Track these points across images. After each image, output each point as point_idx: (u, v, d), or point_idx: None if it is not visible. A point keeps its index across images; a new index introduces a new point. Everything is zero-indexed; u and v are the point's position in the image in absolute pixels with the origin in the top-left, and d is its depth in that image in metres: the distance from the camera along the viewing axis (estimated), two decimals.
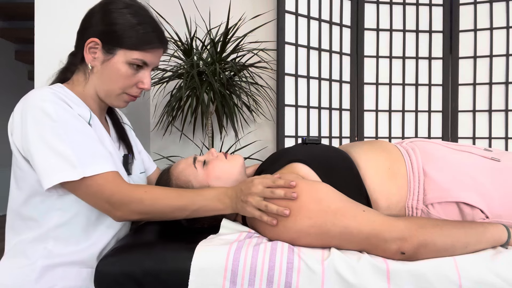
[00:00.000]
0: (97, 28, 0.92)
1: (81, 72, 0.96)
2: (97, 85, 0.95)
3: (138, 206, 0.84)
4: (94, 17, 0.94)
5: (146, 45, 0.93)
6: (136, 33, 0.92)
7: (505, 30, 2.07)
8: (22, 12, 3.87)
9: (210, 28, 1.96)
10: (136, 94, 0.99)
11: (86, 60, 0.94)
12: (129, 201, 0.84)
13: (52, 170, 0.81)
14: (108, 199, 0.83)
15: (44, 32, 1.52)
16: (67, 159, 0.82)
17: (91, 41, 0.92)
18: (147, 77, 0.97)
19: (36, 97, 0.86)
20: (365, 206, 0.83)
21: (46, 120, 0.83)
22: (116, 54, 0.92)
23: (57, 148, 0.82)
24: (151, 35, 0.94)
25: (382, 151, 1.01)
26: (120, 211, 0.84)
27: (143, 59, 0.94)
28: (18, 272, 0.86)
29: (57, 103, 0.85)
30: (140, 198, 0.84)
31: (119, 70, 0.93)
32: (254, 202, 0.82)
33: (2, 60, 4.34)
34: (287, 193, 0.81)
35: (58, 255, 0.87)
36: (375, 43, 2.15)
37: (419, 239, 0.75)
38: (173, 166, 1.05)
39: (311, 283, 0.74)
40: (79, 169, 0.82)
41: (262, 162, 1.17)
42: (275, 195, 0.82)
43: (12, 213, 0.92)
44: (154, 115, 2.16)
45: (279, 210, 0.81)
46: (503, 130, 2.07)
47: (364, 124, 2.15)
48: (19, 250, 0.88)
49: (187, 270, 0.76)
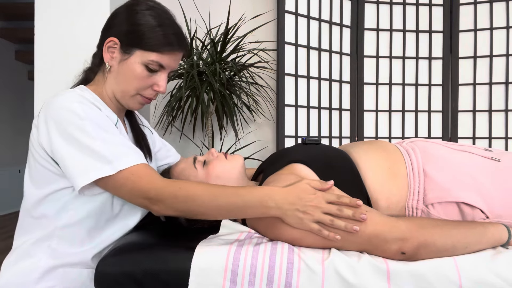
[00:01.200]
0: (118, 28, 0.92)
1: (101, 72, 0.97)
2: (113, 85, 0.95)
3: (172, 202, 0.82)
4: (117, 18, 0.94)
5: (163, 47, 0.92)
6: (154, 35, 0.91)
7: (505, 30, 2.07)
8: (22, 12, 3.88)
9: (210, 28, 1.96)
10: (151, 97, 0.97)
11: (105, 59, 0.94)
12: (164, 198, 0.82)
13: (86, 168, 0.81)
14: (144, 194, 0.82)
15: (44, 32, 1.52)
16: (100, 155, 0.81)
17: (110, 40, 0.92)
18: (162, 80, 0.95)
19: (62, 99, 0.85)
20: (367, 207, 0.83)
21: (74, 119, 0.83)
22: (133, 54, 0.92)
23: (89, 145, 0.82)
24: (170, 37, 0.93)
25: (382, 151, 1.01)
26: (157, 206, 0.83)
27: (160, 61, 0.92)
28: (20, 272, 0.87)
29: (83, 103, 0.86)
30: (175, 194, 0.82)
31: (134, 71, 0.92)
32: (316, 216, 0.76)
33: (2, 60, 4.34)
34: (356, 214, 0.76)
35: (62, 255, 0.87)
36: (375, 43, 2.15)
37: (420, 240, 0.75)
38: (173, 166, 1.05)
39: (311, 283, 0.74)
40: (115, 163, 0.81)
41: (262, 162, 1.17)
42: (343, 214, 0.76)
43: (24, 213, 0.92)
44: (154, 115, 2.16)
45: (348, 227, 0.75)
46: (503, 130, 2.07)
47: (364, 124, 2.15)
48: (24, 249, 0.89)
49: (187, 270, 0.75)
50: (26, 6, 3.74)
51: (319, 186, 0.81)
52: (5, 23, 4.21)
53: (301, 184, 0.80)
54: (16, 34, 4.20)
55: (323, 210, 0.77)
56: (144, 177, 0.83)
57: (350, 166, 0.96)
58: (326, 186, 0.81)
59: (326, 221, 0.76)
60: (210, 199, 0.82)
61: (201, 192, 0.82)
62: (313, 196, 0.78)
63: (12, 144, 4.61)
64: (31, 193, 0.90)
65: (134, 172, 0.83)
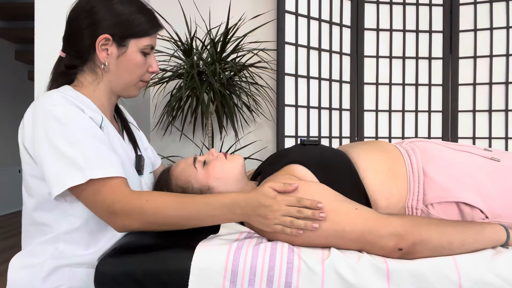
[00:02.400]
0: (100, 25, 0.91)
1: (88, 73, 0.95)
2: (114, 81, 0.95)
3: (139, 216, 0.80)
4: (89, 16, 0.91)
5: (151, 30, 0.95)
6: (139, 20, 0.93)
7: (505, 30, 2.07)
8: (22, 12, 3.88)
9: (210, 28, 1.96)
10: (148, 79, 1.02)
11: (101, 59, 0.92)
12: (130, 211, 0.80)
13: (60, 176, 0.80)
14: (108, 207, 0.80)
15: (44, 32, 1.52)
16: (75, 162, 0.80)
17: (102, 38, 0.90)
18: (154, 60, 0.99)
19: (46, 102, 0.84)
20: (359, 204, 0.84)
21: (55, 124, 0.82)
22: (129, 46, 0.93)
23: (65, 151, 0.80)
24: (152, 18, 0.96)
25: (381, 151, 1.01)
26: (121, 221, 0.81)
27: (151, 43, 0.96)
28: (27, 271, 0.87)
29: (66, 106, 0.84)
30: (142, 207, 0.80)
31: (136, 60, 0.94)
32: (277, 220, 0.80)
33: (2, 60, 4.34)
34: (315, 214, 0.79)
35: (68, 256, 0.87)
36: (375, 43, 2.15)
37: (415, 236, 0.75)
38: (173, 166, 1.05)
39: (311, 283, 0.74)
40: (86, 172, 0.79)
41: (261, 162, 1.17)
42: (303, 215, 0.80)
43: (26, 219, 0.92)
44: (154, 115, 2.16)
45: (308, 225, 0.79)
46: (503, 130, 2.07)
47: (364, 124, 2.15)
48: (31, 249, 0.89)
49: (187, 270, 0.76)
50: (26, 6, 3.73)
51: (282, 189, 0.83)
52: (5, 23, 4.21)
53: (263, 189, 0.83)
54: (16, 34, 4.20)
55: (283, 214, 0.80)
56: (111, 190, 0.81)
57: (349, 167, 0.97)
58: (289, 189, 0.83)
59: (286, 223, 0.80)
60: (179, 209, 0.82)
61: (170, 203, 0.82)
62: (273, 200, 0.81)
63: (12, 144, 4.60)
64: (26, 200, 0.90)
65: (104, 185, 0.81)
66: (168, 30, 1.94)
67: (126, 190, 0.83)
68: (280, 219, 0.80)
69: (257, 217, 0.81)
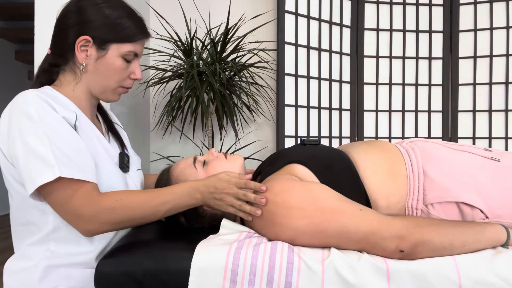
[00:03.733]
0: (82, 26, 0.90)
1: (68, 72, 0.94)
2: (91, 82, 0.94)
3: (109, 216, 0.81)
4: (74, 16, 0.91)
5: (135, 37, 0.94)
6: (123, 26, 0.92)
7: (505, 30, 2.07)
8: (22, 12, 3.88)
9: (210, 28, 1.96)
10: (130, 86, 1.00)
11: (79, 59, 0.92)
12: (99, 212, 0.80)
13: (31, 174, 0.79)
14: (76, 210, 0.80)
15: (44, 32, 1.52)
16: (45, 160, 0.79)
17: (82, 39, 0.90)
18: (138, 67, 0.98)
19: (20, 101, 0.84)
20: (362, 205, 0.84)
21: (27, 123, 0.81)
22: (109, 49, 0.92)
23: (36, 149, 0.79)
24: (138, 25, 0.95)
25: (381, 151, 1.01)
26: (90, 224, 0.81)
27: (134, 50, 0.95)
28: (22, 273, 0.87)
29: (40, 105, 0.83)
30: (112, 207, 0.81)
31: (115, 65, 0.93)
32: (228, 201, 0.87)
33: (2, 60, 4.34)
34: (257, 198, 0.85)
35: (61, 256, 0.87)
36: (375, 43, 2.15)
37: (417, 237, 0.75)
38: (173, 166, 1.05)
39: (311, 283, 0.74)
40: (56, 169, 0.78)
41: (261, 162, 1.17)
42: (247, 198, 0.86)
43: (13, 220, 0.92)
44: (154, 115, 2.16)
45: (252, 210, 0.86)
46: (503, 130, 2.07)
47: (364, 124, 2.15)
48: (23, 252, 0.89)
49: (187, 270, 0.76)
50: (26, 6, 3.73)
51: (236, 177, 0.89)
52: (5, 23, 4.21)
53: (220, 174, 0.90)
54: (16, 34, 4.20)
55: (233, 195, 0.87)
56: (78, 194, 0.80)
57: (349, 166, 0.96)
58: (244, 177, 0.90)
59: (236, 205, 0.87)
60: (147, 202, 0.85)
61: (139, 199, 0.85)
62: (226, 184, 0.87)
63: None
64: (12, 201, 0.90)
65: (73, 188, 0.80)
66: (168, 30, 1.94)
67: (94, 193, 0.82)
68: (231, 201, 0.87)
69: (214, 200, 0.87)
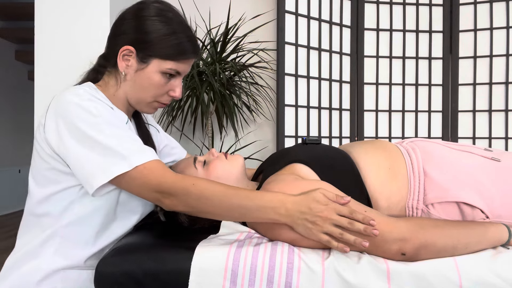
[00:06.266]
0: (131, 36, 0.91)
1: (113, 76, 0.95)
2: (129, 92, 0.95)
3: (185, 198, 0.81)
4: (127, 24, 0.92)
5: (180, 56, 0.92)
6: (170, 43, 0.90)
7: (505, 30, 2.07)
8: (22, 12, 3.87)
9: (210, 28, 1.96)
10: (167, 102, 0.98)
11: (120, 68, 0.92)
12: (176, 192, 0.81)
13: (103, 166, 0.80)
14: (156, 187, 0.81)
15: (44, 32, 1.52)
16: (115, 152, 0.81)
17: (125, 49, 0.90)
18: (178, 86, 0.96)
19: (73, 96, 0.84)
20: (367, 207, 0.83)
21: (87, 117, 0.82)
22: (150, 64, 0.91)
23: (103, 143, 0.81)
24: (186, 45, 0.93)
25: (382, 151, 1.01)
26: (169, 200, 0.82)
27: (177, 69, 0.93)
28: (23, 273, 0.86)
29: (95, 101, 0.85)
30: (188, 190, 0.81)
31: (153, 79, 0.92)
32: (325, 228, 0.75)
33: (2, 60, 4.34)
34: (368, 230, 0.73)
35: (64, 258, 0.87)
36: (375, 43, 2.15)
37: (420, 240, 0.75)
38: (173, 166, 1.05)
39: (311, 283, 0.73)
40: (131, 159, 0.81)
41: (262, 162, 1.17)
42: (354, 228, 0.74)
43: (27, 211, 0.92)
44: (154, 115, 2.16)
45: (357, 241, 0.73)
46: (503, 130, 2.07)
47: (364, 124, 2.15)
48: (27, 251, 0.88)
49: (187, 270, 0.75)
50: (26, 6, 3.73)
51: (334, 199, 0.78)
52: (5, 23, 4.21)
53: (315, 193, 0.78)
54: (16, 34, 4.19)
55: (333, 222, 0.75)
56: (156, 171, 0.82)
57: (351, 166, 0.96)
58: (341, 201, 0.78)
59: (335, 233, 0.75)
60: (222, 200, 0.81)
61: (215, 192, 0.81)
62: (324, 207, 0.76)
63: (12, 144, 4.60)
64: (35, 191, 0.89)
65: (148, 167, 0.82)
66: None
67: (169, 171, 0.84)
68: (329, 228, 0.75)
69: (304, 221, 0.76)
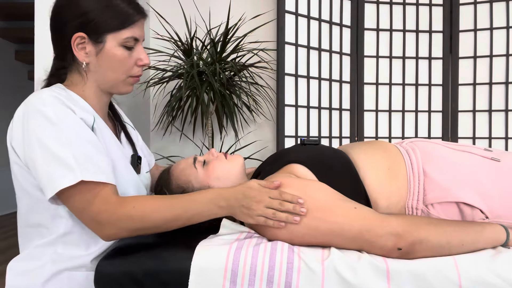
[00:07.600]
0: (74, 23, 0.86)
1: (75, 72, 0.92)
2: (99, 79, 0.91)
3: (127, 223, 0.80)
4: (65, 12, 0.88)
5: (127, 21, 0.89)
6: (111, 14, 0.87)
7: (505, 30, 2.07)
8: (22, 12, 3.87)
9: (210, 28, 1.96)
10: (139, 73, 0.95)
11: (80, 59, 0.88)
12: (117, 220, 0.79)
13: (51, 177, 0.78)
14: (95, 217, 0.79)
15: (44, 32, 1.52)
16: (65, 163, 0.78)
17: (76, 37, 0.86)
18: (142, 52, 0.93)
19: (37, 101, 0.82)
20: (358, 204, 0.84)
21: (46, 125, 0.80)
22: (106, 41, 0.88)
23: (55, 152, 0.78)
24: (126, 9, 0.89)
25: (381, 151, 1.01)
26: (108, 231, 0.80)
27: (133, 35, 0.90)
28: (26, 276, 0.86)
29: (57, 106, 0.82)
30: (129, 214, 0.80)
31: (116, 55, 0.89)
32: (260, 211, 0.82)
33: (2, 60, 4.34)
34: (296, 208, 0.81)
35: (68, 259, 0.86)
36: (375, 43, 2.15)
37: (414, 235, 0.75)
38: (173, 166, 1.05)
39: (311, 283, 0.74)
40: (77, 173, 0.78)
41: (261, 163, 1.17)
42: (284, 207, 0.81)
43: (21, 221, 0.90)
44: (154, 115, 2.16)
45: (289, 218, 0.81)
46: (503, 130, 2.07)
47: (364, 124, 2.15)
48: (30, 253, 0.87)
49: (187, 270, 0.76)
50: (26, 6, 3.73)
51: (266, 185, 0.85)
52: (5, 23, 4.21)
53: (249, 183, 0.85)
54: (16, 34, 4.19)
55: (266, 205, 0.82)
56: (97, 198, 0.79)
57: (349, 166, 0.97)
58: (272, 186, 0.85)
59: (269, 214, 0.81)
60: (166, 211, 0.82)
61: (157, 206, 0.82)
62: (257, 192, 0.83)
63: None
64: (19, 202, 0.89)
65: (94, 191, 0.79)
66: (168, 30, 1.94)
67: (113, 198, 0.81)
68: (263, 210, 0.82)
69: (241, 208, 0.83)
